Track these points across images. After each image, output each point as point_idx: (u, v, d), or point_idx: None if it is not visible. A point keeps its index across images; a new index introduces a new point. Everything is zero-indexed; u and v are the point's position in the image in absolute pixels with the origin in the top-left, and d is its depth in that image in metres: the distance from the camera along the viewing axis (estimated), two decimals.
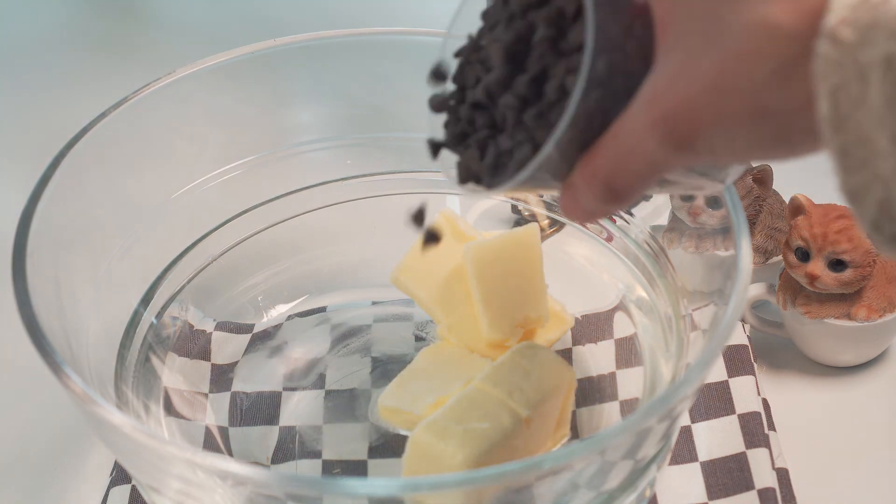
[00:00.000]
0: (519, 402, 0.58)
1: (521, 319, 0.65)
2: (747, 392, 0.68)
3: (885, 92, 0.33)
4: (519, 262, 0.65)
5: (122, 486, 0.65)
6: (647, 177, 0.41)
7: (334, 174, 0.74)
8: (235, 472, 0.45)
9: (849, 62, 0.34)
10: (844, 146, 0.35)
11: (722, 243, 0.59)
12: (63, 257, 0.60)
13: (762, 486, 0.62)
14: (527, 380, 0.59)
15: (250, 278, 0.72)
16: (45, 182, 0.58)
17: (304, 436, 0.67)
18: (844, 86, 0.34)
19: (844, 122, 0.35)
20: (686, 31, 0.38)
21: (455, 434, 0.55)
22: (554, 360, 0.62)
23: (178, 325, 0.69)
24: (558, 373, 0.61)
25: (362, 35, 0.71)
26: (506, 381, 0.59)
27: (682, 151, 0.39)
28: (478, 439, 0.55)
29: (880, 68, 0.33)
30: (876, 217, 0.36)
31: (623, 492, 0.53)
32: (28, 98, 1.03)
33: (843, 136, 0.35)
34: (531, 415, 0.58)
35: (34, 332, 0.50)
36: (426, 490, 0.45)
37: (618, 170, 0.41)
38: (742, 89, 0.37)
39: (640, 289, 0.67)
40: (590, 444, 0.47)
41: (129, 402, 0.61)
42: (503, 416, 0.57)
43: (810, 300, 0.71)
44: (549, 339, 0.68)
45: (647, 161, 0.40)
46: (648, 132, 0.39)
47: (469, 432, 0.56)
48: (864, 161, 0.35)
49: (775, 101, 0.36)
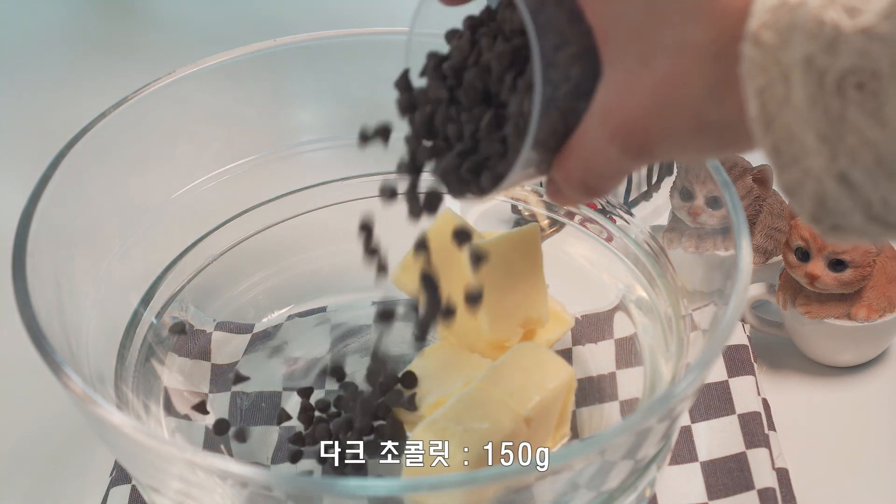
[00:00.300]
0: (519, 402, 0.58)
1: (521, 319, 0.65)
2: (747, 392, 0.67)
3: (807, 91, 0.34)
4: (519, 262, 0.65)
5: (122, 486, 0.65)
6: (617, 177, 0.44)
7: (334, 174, 0.74)
8: (235, 472, 0.45)
9: (771, 64, 0.35)
10: (776, 144, 0.36)
11: (722, 243, 0.59)
12: (63, 257, 0.60)
13: (762, 486, 0.62)
14: (527, 380, 0.59)
15: (250, 278, 0.72)
16: (46, 182, 0.58)
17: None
18: (769, 87, 0.35)
19: (773, 122, 0.36)
20: (623, 49, 0.40)
21: (455, 434, 0.55)
22: (554, 360, 0.62)
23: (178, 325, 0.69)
24: (558, 373, 0.61)
25: (362, 35, 0.71)
26: (506, 382, 0.59)
27: (641, 157, 0.41)
28: (478, 439, 0.55)
29: (800, 68, 0.34)
30: (814, 210, 0.37)
31: (623, 492, 0.53)
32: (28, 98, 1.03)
33: (773, 136, 0.36)
34: (531, 415, 0.58)
35: (34, 332, 0.50)
36: (426, 490, 0.45)
37: (588, 172, 0.43)
38: (682, 106, 0.39)
39: (640, 289, 0.67)
40: (590, 444, 0.47)
41: (129, 402, 0.61)
42: (503, 417, 0.57)
43: (810, 300, 0.71)
44: (549, 340, 0.68)
45: (613, 166, 0.42)
46: (608, 142, 0.41)
47: (469, 432, 0.56)
48: (796, 158, 0.36)
49: (715, 114, 0.38)
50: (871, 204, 0.35)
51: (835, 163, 0.35)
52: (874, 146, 0.34)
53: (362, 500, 0.45)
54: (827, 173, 0.35)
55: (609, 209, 0.71)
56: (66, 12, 1.17)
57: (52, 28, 1.14)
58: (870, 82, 0.33)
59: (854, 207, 0.36)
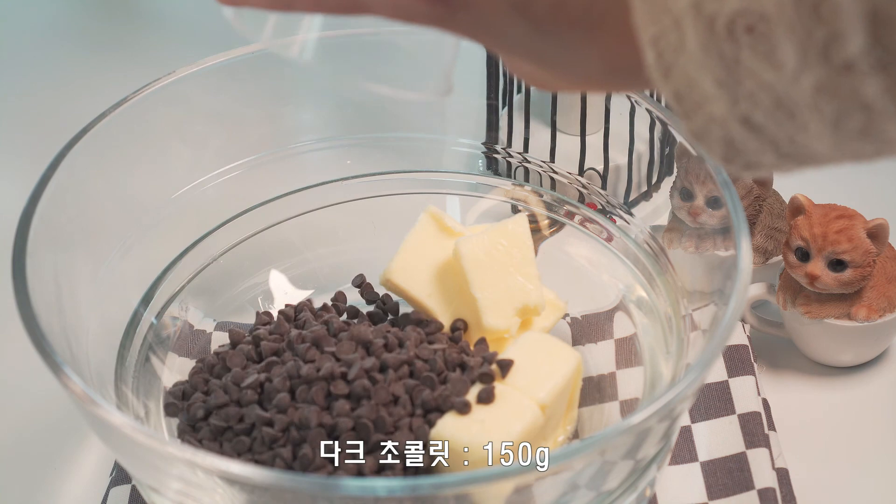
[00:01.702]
0: (534, 391, 0.59)
1: (519, 308, 0.65)
2: (747, 392, 0.67)
3: (699, 37, 0.34)
4: (511, 252, 0.65)
5: (122, 486, 0.65)
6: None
7: (334, 174, 0.74)
8: (235, 473, 0.45)
9: (662, 12, 0.34)
10: (677, 92, 0.36)
11: (722, 243, 0.59)
12: (63, 257, 0.60)
13: (762, 486, 0.62)
14: (537, 369, 0.60)
15: (250, 278, 0.72)
16: (46, 182, 0.58)
17: None
18: (663, 35, 0.35)
19: (671, 70, 0.35)
20: None
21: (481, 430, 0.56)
22: (558, 345, 0.63)
23: (178, 325, 0.69)
24: (567, 359, 0.62)
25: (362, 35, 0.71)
26: (517, 372, 0.59)
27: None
28: (503, 430, 0.56)
29: (690, 15, 0.34)
30: (724, 153, 0.36)
31: (623, 492, 0.53)
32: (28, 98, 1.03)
33: (673, 83, 0.35)
34: (547, 402, 0.59)
35: (34, 332, 0.50)
36: (427, 490, 0.45)
37: None
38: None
39: (640, 289, 0.67)
40: (590, 444, 0.47)
41: (129, 403, 0.61)
42: (522, 407, 0.57)
43: (810, 300, 0.71)
44: (545, 327, 0.68)
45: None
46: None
47: (493, 425, 0.56)
48: (698, 104, 0.35)
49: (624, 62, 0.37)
50: (779, 144, 0.35)
51: (736, 107, 0.35)
52: (771, 89, 0.33)
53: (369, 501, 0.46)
54: (731, 118, 0.35)
55: (609, 209, 0.71)
56: (67, 12, 1.17)
57: (52, 28, 1.14)
58: (759, 24, 0.33)
59: (762, 147, 0.35)
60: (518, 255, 0.65)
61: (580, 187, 0.73)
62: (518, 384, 0.59)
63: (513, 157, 0.77)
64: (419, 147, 0.76)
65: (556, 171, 0.75)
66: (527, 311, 0.65)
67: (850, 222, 0.69)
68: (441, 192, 0.75)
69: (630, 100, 0.68)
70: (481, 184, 0.75)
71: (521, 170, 0.76)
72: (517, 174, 0.76)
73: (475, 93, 0.78)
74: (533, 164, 0.76)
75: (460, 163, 0.76)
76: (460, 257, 0.64)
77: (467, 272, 0.64)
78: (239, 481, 0.46)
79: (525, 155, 0.76)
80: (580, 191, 0.73)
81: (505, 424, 0.56)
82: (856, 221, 0.69)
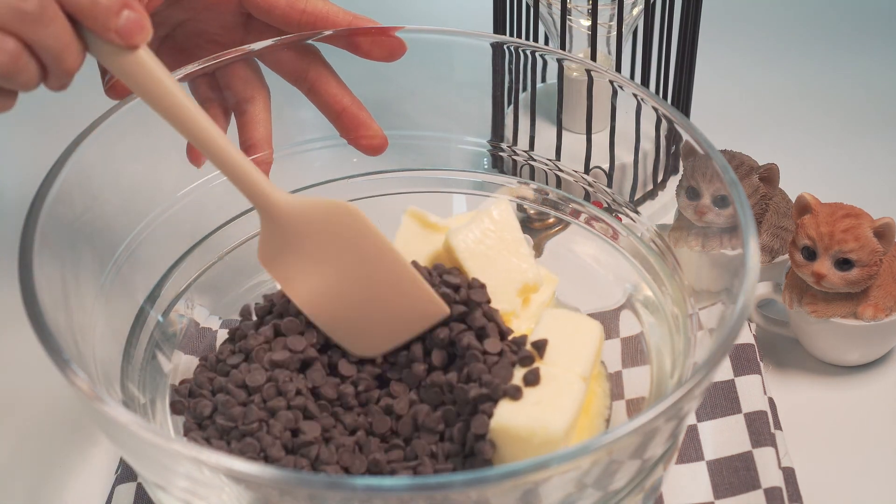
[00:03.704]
0: (575, 366, 0.59)
1: (519, 288, 0.65)
2: (753, 391, 0.67)
3: None
4: (502, 236, 0.66)
5: (127, 483, 0.65)
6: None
7: (336, 173, 0.74)
8: (242, 471, 0.45)
9: None
10: None
11: (728, 242, 0.59)
12: (69, 254, 0.60)
13: (768, 486, 0.62)
14: (570, 344, 0.60)
15: (256, 276, 0.72)
16: (53, 179, 0.58)
17: None
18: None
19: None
20: None
21: (540, 412, 0.56)
22: (579, 317, 0.63)
23: (184, 323, 0.69)
24: (589, 327, 0.62)
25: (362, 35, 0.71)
26: (553, 352, 0.60)
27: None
28: (560, 410, 0.56)
29: None
30: None
31: (630, 491, 0.53)
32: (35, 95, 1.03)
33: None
34: (587, 374, 0.59)
35: (41, 329, 0.50)
36: (435, 490, 0.45)
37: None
38: None
39: (646, 288, 0.67)
40: (597, 444, 0.47)
41: (136, 400, 0.61)
42: (570, 383, 0.58)
43: (816, 299, 0.71)
44: (544, 301, 0.68)
45: None
46: None
47: (550, 406, 0.56)
48: None
49: None
50: None
51: None
52: None
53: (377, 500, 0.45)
54: None
55: (615, 208, 0.71)
56: None
57: None
58: None
59: None
60: (509, 238, 0.66)
61: (586, 186, 0.73)
62: (557, 362, 0.59)
63: (518, 156, 0.77)
64: (424, 145, 0.76)
65: (561, 170, 0.74)
66: (527, 289, 0.66)
67: (856, 221, 0.68)
68: (443, 192, 0.75)
69: (636, 98, 0.68)
70: (487, 182, 0.75)
71: (527, 168, 0.76)
72: (523, 172, 0.76)
73: (481, 91, 0.78)
74: (538, 162, 0.75)
75: (466, 161, 0.76)
76: (454, 250, 0.64)
77: (464, 262, 0.64)
78: (245, 479, 0.46)
79: (531, 153, 0.76)
80: (586, 189, 0.73)
81: (559, 402, 0.56)
82: (862, 220, 0.69)
